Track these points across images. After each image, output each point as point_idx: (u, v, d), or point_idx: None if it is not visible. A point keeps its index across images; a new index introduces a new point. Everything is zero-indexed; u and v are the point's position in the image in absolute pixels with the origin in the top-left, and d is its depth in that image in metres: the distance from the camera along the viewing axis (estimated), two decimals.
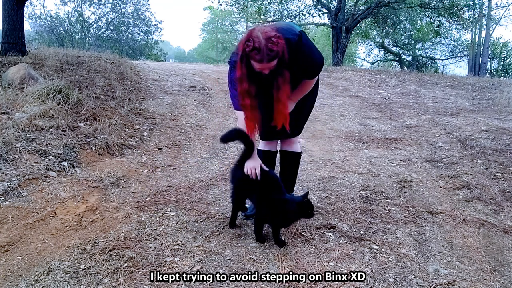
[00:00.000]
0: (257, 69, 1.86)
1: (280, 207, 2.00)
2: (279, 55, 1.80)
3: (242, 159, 2.13)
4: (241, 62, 1.86)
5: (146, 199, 2.65)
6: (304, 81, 2.12)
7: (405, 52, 20.01)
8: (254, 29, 1.84)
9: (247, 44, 1.78)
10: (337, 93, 7.54)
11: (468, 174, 3.28)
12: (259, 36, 1.77)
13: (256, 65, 1.83)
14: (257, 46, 1.76)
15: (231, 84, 2.09)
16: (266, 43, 1.76)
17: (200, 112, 5.40)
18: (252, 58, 1.80)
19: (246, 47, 1.79)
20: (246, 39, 1.81)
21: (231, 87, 2.10)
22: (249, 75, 1.88)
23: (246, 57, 1.83)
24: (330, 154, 3.92)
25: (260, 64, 1.81)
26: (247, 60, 1.84)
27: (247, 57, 1.82)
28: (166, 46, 32.76)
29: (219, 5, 14.82)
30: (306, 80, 2.11)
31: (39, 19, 20.00)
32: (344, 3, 13.32)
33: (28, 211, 2.31)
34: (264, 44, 1.76)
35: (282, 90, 1.94)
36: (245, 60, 1.84)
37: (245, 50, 1.80)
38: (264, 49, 1.76)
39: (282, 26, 1.93)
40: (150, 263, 1.86)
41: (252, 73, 1.88)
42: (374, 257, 1.99)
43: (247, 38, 1.80)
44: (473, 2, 12.41)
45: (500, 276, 1.88)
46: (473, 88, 8.00)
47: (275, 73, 1.90)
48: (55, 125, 3.51)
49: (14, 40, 5.93)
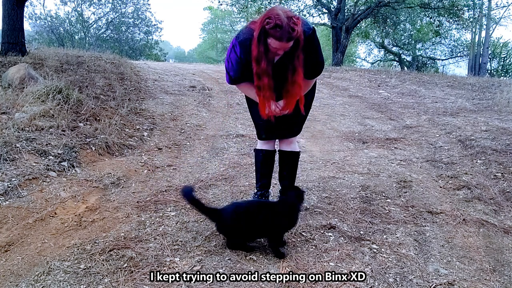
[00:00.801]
0: (273, 49, 1.82)
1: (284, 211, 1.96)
2: (297, 35, 1.78)
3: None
4: (258, 40, 1.81)
5: (146, 199, 2.65)
6: (304, 80, 2.11)
7: (405, 52, 20.02)
8: (274, 8, 1.80)
9: (268, 22, 1.75)
10: (337, 93, 7.54)
11: (468, 174, 3.28)
12: (280, 14, 1.75)
13: (274, 43, 1.79)
14: (279, 23, 1.73)
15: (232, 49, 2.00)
16: (288, 21, 1.74)
17: (200, 112, 5.40)
18: (272, 36, 1.76)
19: (266, 24, 1.75)
20: (266, 16, 1.77)
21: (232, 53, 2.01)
22: (266, 54, 1.84)
23: (265, 35, 1.79)
24: (330, 154, 3.92)
25: (280, 42, 1.77)
26: (265, 38, 1.79)
27: (265, 34, 1.78)
28: (166, 46, 32.77)
29: (219, 5, 14.84)
30: (306, 79, 2.10)
31: (39, 19, 20.02)
32: (344, 3, 13.33)
33: (28, 211, 2.31)
34: (286, 22, 1.73)
35: (298, 72, 1.92)
36: (262, 38, 1.80)
37: (265, 27, 1.76)
38: (286, 27, 1.73)
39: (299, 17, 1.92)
40: (150, 263, 1.86)
41: (269, 52, 1.85)
42: (374, 257, 1.99)
43: (267, 16, 1.76)
44: (473, 2, 12.42)
45: (500, 276, 1.88)
46: (473, 88, 8.00)
47: (291, 55, 1.88)
48: (55, 125, 3.51)
49: (14, 40, 5.93)
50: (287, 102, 2.04)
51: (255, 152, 2.46)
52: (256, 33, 1.81)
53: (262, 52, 1.84)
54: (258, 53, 1.84)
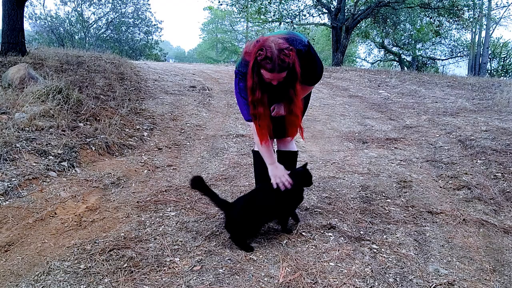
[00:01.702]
0: (266, 79, 1.89)
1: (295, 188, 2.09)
2: (289, 67, 1.84)
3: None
4: (252, 71, 1.89)
5: (146, 199, 2.65)
6: (304, 86, 2.15)
7: (405, 52, 20.00)
8: (267, 39, 1.87)
9: (259, 53, 1.82)
10: (337, 93, 7.54)
11: (468, 174, 3.28)
12: (272, 46, 1.81)
13: (266, 74, 1.86)
14: (269, 56, 1.79)
15: (239, 94, 2.10)
16: (279, 53, 1.80)
17: (200, 112, 5.40)
18: (263, 67, 1.83)
19: (258, 56, 1.82)
20: (258, 48, 1.83)
21: (239, 97, 2.11)
22: (261, 84, 1.92)
23: (258, 66, 1.86)
24: (330, 154, 3.92)
25: (271, 74, 1.84)
26: (258, 69, 1.87)
27: (258, 66, 1.85)
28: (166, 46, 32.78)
29: (219, 5, 14.83)
30: (307, 85, 2.17)
31: (39, 19, 20.01)
32: (344, 3, 13.33)
33: (28, 211, 2.31)
34: (277, 54, 1.80)
35: (295, 103, 1.99)
36: (256, 69, 1.87)
37: (257, 59, 1.83)
38: (276, 59, 1.80)
39: (291, 37, 1.97)
40: (150, 263, 1.86)
41: (264, 82, 1.92)
42: (374, 257, 1.99)
43: (259, 47, 1.83)
44: (473, 2, 12.41)
45: (500, 276, 1.88)
46: (473, 88, 8.00)
47: (286, 85, 1.94)
48: (55, 125, 3.51)
49: (14, 40, 5.93)
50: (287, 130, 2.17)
51: (254, 153, 2.47)
52: (250, 65, 1.89)
53: (256, 82, 1.91)
54: (253, 83, 1.92)
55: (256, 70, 1.88)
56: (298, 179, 2.12)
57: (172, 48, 50.34)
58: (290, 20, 14.51)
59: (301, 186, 2.17)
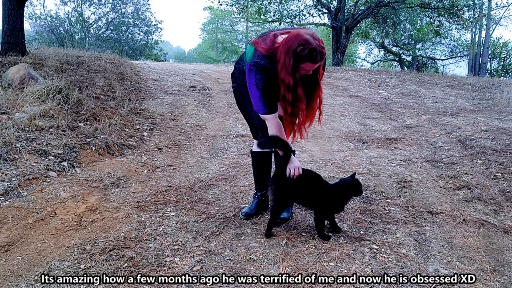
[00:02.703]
0: (305, 72, 1.93)
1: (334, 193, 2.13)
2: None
3: (282, 166, 2.12)
4: (293, 69, 1.89)
5: (146, 199, 2.65)
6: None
7: (405, 52, 19.98)
8: (299, 32, 1.89)
9: (301, 49, 1.84)
10: (337, 93, 7.54)
11: (468, 174, 3.28)
12: (309, 39, 1.86)
13: (310, 66, 1.90)
14: (315, 47, 1.85)
15: (256, 86, 2.02)
16: (319, 43, 1.88)
17: (200, 112, 5.40)
18: (310, 60, 1.87)
19: (301, 52, 1.84)
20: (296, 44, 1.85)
21: (255, 90, 2.03)
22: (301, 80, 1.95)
23: (300, 62, 1.87)
24: (330, 154, 3.92)
25: (316, 64, 1.90)
26: (299, 65, 1.89)
27: (301, 61, 1.87)
28: (166, 46, 32.78)
29: (219, 5, 14.81)
30: None
31: (39, 19, 19.99)
32: (344, 3, 13.32)
33: (28, 211, 2.31)
34: (318, 44, 1.87)
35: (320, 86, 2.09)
36: (297, 65, 1.89)
37: (300, 54, 1.85)
38: (320, 49, 1.87)
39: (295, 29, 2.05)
40: (150, 263, 1.86)
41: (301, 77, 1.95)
42: (374, 257, 1.99)
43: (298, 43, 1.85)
44: (473, 2, 12.40)
45: (500, 276, 1.88)
46: (473, 88, 8.00)
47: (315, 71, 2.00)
48: (55, 125, 3.51)
49: (14, 40, 5.93)
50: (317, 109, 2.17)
51: (252, 154, 2.47)
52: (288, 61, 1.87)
53: (298, 79, 1.94)
54: (294, 81, 1.92)
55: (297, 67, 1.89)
56: (348, 188, 2.15)
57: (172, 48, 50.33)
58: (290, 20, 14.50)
59: (351, 195, 2.19)
